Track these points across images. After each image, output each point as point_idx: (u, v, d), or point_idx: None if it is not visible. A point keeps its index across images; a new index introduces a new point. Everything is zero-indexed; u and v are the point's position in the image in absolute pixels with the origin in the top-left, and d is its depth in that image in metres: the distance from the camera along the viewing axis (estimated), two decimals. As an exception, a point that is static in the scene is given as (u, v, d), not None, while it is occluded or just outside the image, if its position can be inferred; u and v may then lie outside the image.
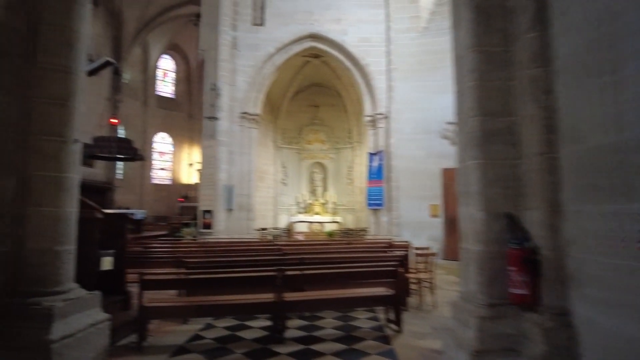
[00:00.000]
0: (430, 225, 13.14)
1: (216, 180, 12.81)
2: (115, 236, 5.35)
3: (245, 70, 13.93)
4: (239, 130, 13.64)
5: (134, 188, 25.37)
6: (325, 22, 14.12)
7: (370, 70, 13.79)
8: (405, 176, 13.40)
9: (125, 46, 23.62)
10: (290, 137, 19.57)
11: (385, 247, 8.26)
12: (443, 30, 13.59)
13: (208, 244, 9.49)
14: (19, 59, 3.11)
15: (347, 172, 19.13)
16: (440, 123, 13.16)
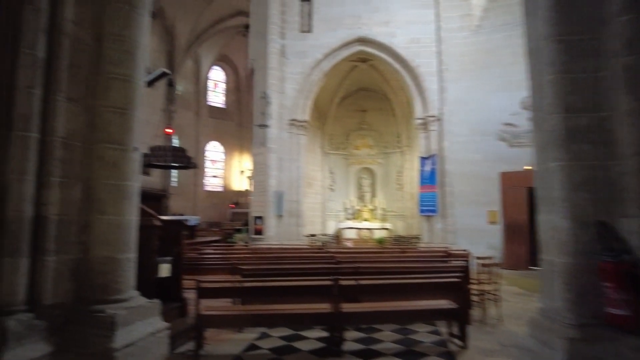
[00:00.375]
0: (488, 233, 12.43)
1: (266, 187, 12.90)
2: (172, 243, 5.41)
3: (293, 78, 13.99)
4: (287, 137, 13.68)
5: (187, 195, 26.35)
6: (373, 25, 13.89)
7: (420, 71, 13.36)
8: (460, 181, 12.81)
9: (178, 59, 24.69)
10: (338, 143, 19.41)
11: (443, 256, 7.84)
12: (497, 27, 13.00)
13: (260, 250, 9.50)
14: (86, 69, 3.17)
15: (397, 177, 18.65)
16: (496, 124, 12.52)
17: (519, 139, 12.21)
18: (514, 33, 12.56)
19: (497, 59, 12.73)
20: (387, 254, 7.98)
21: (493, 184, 12.45)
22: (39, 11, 2.88)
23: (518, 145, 12.23)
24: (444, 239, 12.78)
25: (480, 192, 12.56)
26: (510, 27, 12.67)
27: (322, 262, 6.57)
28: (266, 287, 4.28)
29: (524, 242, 11.78)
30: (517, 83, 12.33)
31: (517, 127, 12.27)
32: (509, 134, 12.38)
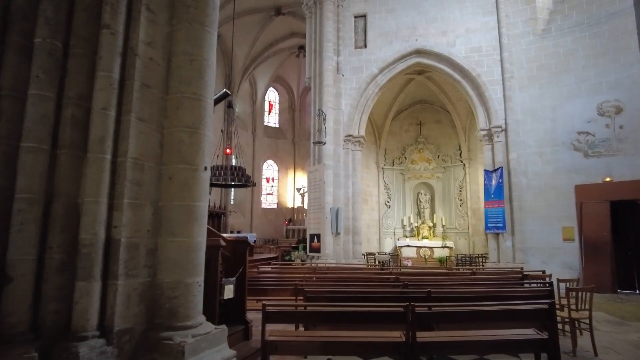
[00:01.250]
0: (563, 251, 11.40)
1: (322, 204, 12.76)
2: (236, 262, 5.35)
3: (349, 94, 13.90)
4: (343, 153, 13.52)
5: (244, 212, 27.01)
6: (430, 36, 13.52)
7: (482, 80, 12.73)
8: (530, 195, 11.91)
9: (236, 82, 25.68)
10: (393, 158, 18.98)
11: (518, 278, 7.18)
12: (566, 30, 12.16)
13: (320, 269, 9.30)
14: (157, 89, 3.17)
15: (458, 192, 17.80)
16: (570, 133, 11.60)
17: (596, 149, 11.19)
18: (586, 34, 11.73)
19: (567, 64, 11.85)
20: (456, 277, 7.45)
21: (567, 198, 11.44)
22: (115, 34, 2.90)
23: (595, 155, 11.20)
24: (514, 257, 11.87)
25: (552, 206, 11.59)
26: (580, 28, 11.82)
27: (387, 284, 6.22)
28: (334, 313, 4.04)
29: (608, 261, 10.65)
30: (592, 87, 11.44)
31: (594, 135, 11.25)
32: (585, 143, 11.37)
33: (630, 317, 7.43)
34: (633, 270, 10.98)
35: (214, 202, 22.73)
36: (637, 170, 10.46)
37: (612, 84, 11.05)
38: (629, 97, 10.79)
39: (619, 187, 10.70)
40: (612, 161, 10.89)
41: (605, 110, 11.11)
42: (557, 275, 9.45)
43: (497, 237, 12.24)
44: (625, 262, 11.01)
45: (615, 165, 10.82)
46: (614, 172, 10.84)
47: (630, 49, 10.88)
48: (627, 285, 10.94)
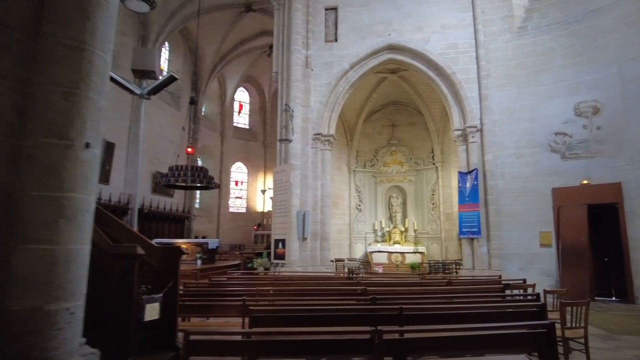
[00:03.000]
0: (541, 257, 10.88)
1: (289, 207, 11.81)
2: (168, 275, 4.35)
3: (318, 90, 13.05)
4: (312, 153, 12.64)
5: (211, 217, 25.69)
6: (405, 31, 12.86)
7: (458, 78, 12.15)
8: (506, 198, 11.35)
9: (203, 80, 24.47)
10: (365, 160, 18.27)
11: (498, 288, 6.45)
12: (543, 28, 11.72)
13: (281, 278, 8.36)
14: (19, 29, 2.17)
15: (430, 195, 17.23)
16: (548, 134, 11.15)
17: (574, 150, 10.76)
18: (564, 33, 11.33)
19: (545, 62, 11.42)
20: (430, 287, 6.65)
21: (546, 202, 10.95)
22: None
23: (573, 157, 10.76)
24: (489, 264, 11.26)
25: (531, 210, 11.07)
26: (558, 26, 11.42)
27: (354, 298, 5.34)
28: (284, 342, 3.12)
29: (586, 268, 10.16)
30: (570, 87, 11.01)
31: (571, 136, 10.81)
32: (562, 144, 10.92)
33: (618, 329, 6.83)
34: (610, 276, 10.56)
35: (176, 206, 21.43)
36: (616, 173, 10.05)
37: (590, 84, 10.65)
38: (606, 97, 10.40)
39: (598, 190, 10.26)
40: (590, 163, 10.46)
41: (582, 111, 10.69)
42: (534, 282, 8.87)
43: (472, 242, 11.62)
44: (603, 269, 10.59)
45: (594, 167, 10.39)
46: (592, 174, 10.40)
47: (608, 49, 10.54)
48: (605, 292, 10.51)
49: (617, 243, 10.04)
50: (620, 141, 10.09)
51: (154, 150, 19.23)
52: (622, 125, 10.11)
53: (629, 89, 10.07)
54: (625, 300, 9.88)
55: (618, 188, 9.99)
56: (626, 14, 10.38)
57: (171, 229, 21.17)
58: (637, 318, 7.97)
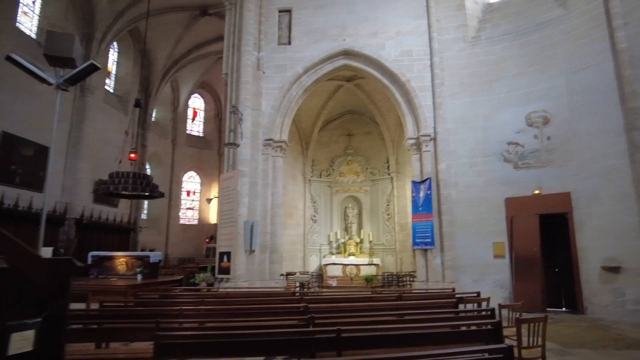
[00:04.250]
0: (494, 268, 10.68)
1: (236, 217, 11.00)
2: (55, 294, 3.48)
3: (270, 93, 12.42)
4: (262, 159, 11.92)
5: (160, 228, 24.20)
6: (360, 36, 12.55)
7: (412, 86, 11.93)
8: (460, 208, 11.13)
9: (155, 85, 23.24)
10: (321, 169, 17.78)
11: (451, 303, 6.00)
12: (496, 38, 11.77)
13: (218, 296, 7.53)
14: None
15: (386, 206, 16.94)
16: (501, 144, 11.09)
17: (526, 160, 10.75)
18: (516, 43, 11.41)
19: (498, 72, 11.43)
20: (379, 303, 6.10)
21: (499, 211, 10.83)
22: None
23: (525, 166, 10.73)
24: (443, 276, 10.94)
25: (484, 220, 10.89)
26: (510, 37, 11.50)
27: (292, 317, 4.67)
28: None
29: (538, 279, 10.04)
30: (522, 97, 11.03)
31: (523, 146, 10.80)
32: (515, 154, 10.88)
33: (571, 342, 6.57)
34: (560, 287, 10.51)
35: (121, 216, 19.92)
36: (566, 183, 10.07)
37: (541, 94, 10.72)
38: (556, 107, 10.48)
39: (548, 200, 10.23)
40: (541, 173, 10.44)
41: (533, 121, 10.72)
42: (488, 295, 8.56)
43: (426, 253, 11.28)
44: (554, 279, 10.53)
45: (545, 177, 10.38)
46: (543, 184, 10.38)
47: (557, 60, 10.68)
48: (555, 303, 10.44)
49: (567, 253, 10.01)
50: (569, 151, 10.15)
51: (97, 157, 17.83)
52: (570, 136, 10.19)
53: (576, 100, 10.19)
54: (575, 310, 9.82)
55: (567, 198, 10.00)
56: (573, 27, 10.57)
57: (114, 241, 19.60)
58: (588, 329, 7.81)
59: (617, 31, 9.60)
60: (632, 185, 9.04)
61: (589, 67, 10.07)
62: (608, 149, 9.49)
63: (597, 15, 10.09)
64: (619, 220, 9.14)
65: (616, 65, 9.56)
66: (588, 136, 9.85)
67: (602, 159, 9.56)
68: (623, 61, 9.42)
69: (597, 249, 9.45)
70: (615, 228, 9.17)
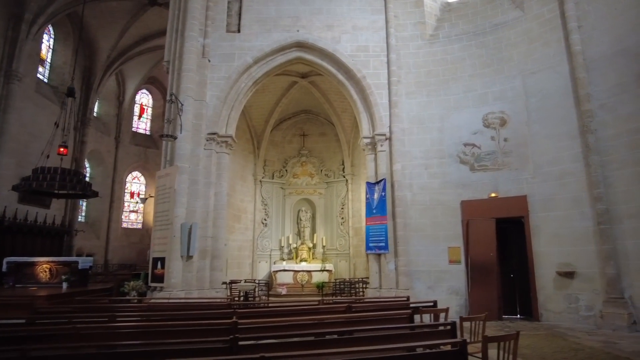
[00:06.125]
0: (450, 274, 10.21)
1: (172, 219, 9.84)
2: None
3: (216, 84, 11.39)
4: (205, 155, 10.84)
5: (99, 232, 22.20)
6: (314, 29, 11.83)
7: (368, 83, 11.34)
8: (415, 211, 10.60)
9: (97, 76, 21.38)
10: (274, 170, 16.86)
11: (406, 314, 5.30)
12: (453, 37, 11.42)
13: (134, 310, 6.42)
14: None
15: (340, 209, 16.28)
16: (457, 145, 10.69)
17: (482, 162, 10.41)
18: (473, 43, 11.10)
19: (455, 72, 11.09)
20: (326, 315, 5.27)
21: (454, 215, 10.40)
22: None
23: (481, 168, 10.39)
24: (397, 282, 10.33)
25: (439, 224, 10.43)
26: (467, 37, 11.21)
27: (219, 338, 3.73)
28: None
29: (494, 285, 9.67)
30: (479, 97, 10.70)
31: (480, 148, 10.47)
32: (471, 156, 10.52)
33: (531, 354, 6.07)
34: (516, 293, 10.20)
35: (53, 218, 17.93)
36: (522, 186, 9.80)
37: (497, 95, 10.46)
38: (512, 109, 10.24)
39: (505, 204, 9.91)
40: (498, 176, 10.13)
41: (490, 122, 10.42)
42: (444, 302, 8.02)
43: (379, 258, 10.64)
44: (510, 285, 10.21)
45: (501, 180, 10.07)
46: (500, 187, 10.06)
47: (513, 61, 10.48)
48: (510, 310, 10.10)
49: (523, 258, 9.71)
50: (525, 154, 9.92)
51: (25, 151, 15.91)
52: (526, 138, 9.97)
53: (533, 102, 10.00)
54: (530, 317, 9.52)
55: (524, 201, 9.72)
56: (528, 30, 10.42)
57: (45, 246, 17.59)
58: (546, 338, 7.42)
59: (572, 34, 9.50)
60: (586, 190, 8.87)
61: (544, 69, 9.91)
62: (563, 152, 9.32)
63: (553, 17, 9.98)
64: (573, 225, 8.94)
65: (571, 67, 9.45)
66: (544, 139, 9.66)
67: (558, 162, 9.38)
68: (577, 64, 9.31)
69: (552, 254, 9.20)
70: (570, 233, 8.96)
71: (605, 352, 6.31)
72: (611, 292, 8.31)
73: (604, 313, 8.31)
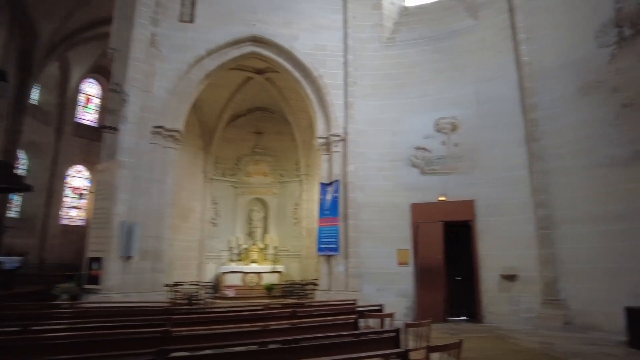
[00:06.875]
0: (399, 277, 10.26)
1: (111, 216, 9.18)
2: None
3: (166, 75, 10.80)
4: (150, 150, 10.22)
5: (34, 230, 20.51)
6: (272, 24, 11.53)
7: (324, 82, 11.21)
8: (367, 213, 10.57)
9: (37, 62, 19.74)
10: (226, 168, 16.33)
11: (352, 319, 5.15)
12: (410, 41, 11.51)
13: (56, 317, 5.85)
14: None
15: (294, 210, 16.04)
16: (409, 149, 10.78)
17: (432, 166, 10.56)
18: (429, 48, 11.24)
19: (411, 76, 11.18)
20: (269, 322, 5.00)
21: (405, 217, 10.47)
22: None
23: (431, 172, 10.53)
24: (347, 284, 10.24)
25: (390, 227, 10.46)
26: (424, 42, 11.35)
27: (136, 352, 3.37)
28: None
29: (441, 288, 9.80)
30: (433, 103, 10.83)
31: (430, 152, 10.61)
32: (422, 159, 10.64)
33: (474, 357, 6.10)
34: (461, 295, 10.40)
35: (-20, 213, 16.36)
36: (470, 190, 10.02)
37: (451, 101, 10.64)
38: (464, 115, 10.46)
39: (453, 207, 10.09)
40: (447, 180, 10.29)
41: (442, 127, 10.59)
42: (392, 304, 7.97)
43: (330, 260, 10.52)
44: (455, 288, 10.40)
45: (450, 184, 10.24)
46: (449, 191, 10.23)
47: (467, 68, 10.71)
48: (456, 312, 10.29)
49: (470, 262, 9.92)
50: (475, 159, 10.15)
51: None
52: (476, 144, 10.20)
53: (484, 109, 10.26)
54: (474, 319, 9.72)
55: (471, 206, 9.95)
56: (482, 38, 10.70)
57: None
58: (488, 340, 7.56)
59: (521, 45, 9.86)
60: (530, 196, 9.21)
61: (496, 77, 10.21)
62: (511, 158, 9.63)
63: (504, 28, 10.30)
64: (517, 229, 9.24)
65: (520, 77, 9.79)
66: (493, 145, 9.93)
67: (505, 168, 9.67)
68: (525, 74, 9.67)
69: (497, 257, 9.47)
70: (514, 237, 9.26)
71: (542, 354, 6.50)
72: (549, 294, 8.69)
73: (542, 314, 8.66)
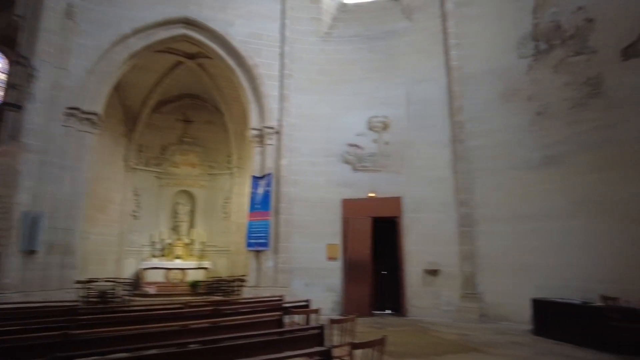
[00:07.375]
0: (328, 271, 10.31)
1: (11, 205, 8.12)
2: None
3: (84, 52, 9.79)
4: (62, 133, 9.20)
5: None
6: (207, 7, 10.94)
7: (259, 72, 10.89)
8: (299, 208, 10.48)
9: None
10: (150, 157, 15.30)
11: (277, 316, 5.00)
12: (347, 38, 11.58)
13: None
14: None
15: (223, 204, 15.49)
16: (342, 145, 10.86)
17: (364, 163, 10.74)
18: (365, 47, 11.38)
19: (346, 73, 11.26)
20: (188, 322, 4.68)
21: (336, 213, 10.55)
22: None
23: (362, 169, 10.71)
24: (276, 280, 10.09)
25: (322, 222, 10.47)
26: (360, 39, 11.47)
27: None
28: None
29: (368, 282, 10.00)
30: (366, 101, 10.99)
31: (362, 149, 10.77)
32: (354, 156, 10.78)
33: (399, 352, 6.24)
34: (386, 290, 10.69)
35: None
36: (398, 188, 10.33)
37: (383, 100, 10.87)
38: (395, 114, 10.75)
39: (382, 204, 10.35)
40: (377, 177, 10.52)
41: (374, 125, 10.79)
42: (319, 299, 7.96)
43: (260, 255, 10.28)
44: (382, 282, 10.67)
45: (380, 181, 10.49)
46: (378, 188, 10.47)
47: (400, 69, 10.99)
48: (381, 306, 10.57)
49: (395, 257, 10.23)
50: (403, 157, 10.47)
51: None
52: (405, 143, 10.53)
53: (414, 109, 10.62)
54: (399, 312, 10.05)
55: (398, 203, 10.27)
56: (415, 41, 11.05)
57: None
58: (411, 333, 7.84)
59: (451, 50, 10.33)
60: (453, 194, 9.71)
61: (427, 79, 10.59)
62: (437, 158, 10.07)
63: (437, 32, 10.72)
64: (441, 227, 9.70)
65: (449, 81, 10.27)
66: (421, 145, 10.31)
67: (431, 167, 10.09)
68: (454, 78, 10.16)
69: (422, 252, 9.86)
70: (438, 233, 9.72)
71: (459, 344, 6.86)
72: (467, 288, 9.25)
73: (460, 307, 9.19)
